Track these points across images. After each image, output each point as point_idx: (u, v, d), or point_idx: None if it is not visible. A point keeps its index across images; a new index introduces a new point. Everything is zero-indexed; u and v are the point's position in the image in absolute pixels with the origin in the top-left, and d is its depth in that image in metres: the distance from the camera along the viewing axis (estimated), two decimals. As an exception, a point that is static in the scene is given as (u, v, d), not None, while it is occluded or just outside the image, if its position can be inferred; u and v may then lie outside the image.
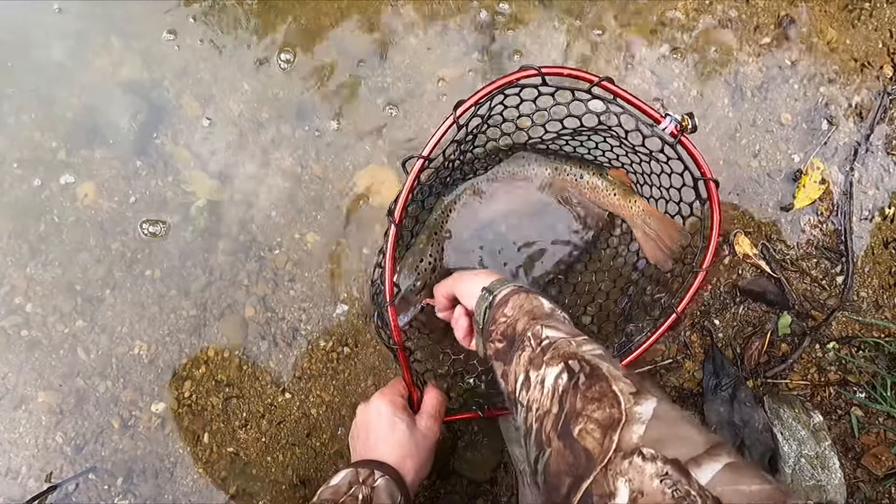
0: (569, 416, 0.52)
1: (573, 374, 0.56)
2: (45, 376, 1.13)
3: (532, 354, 0.62)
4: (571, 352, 0.59)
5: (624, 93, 0.80)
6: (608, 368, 0.56)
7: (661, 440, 0.45)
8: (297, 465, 1.12)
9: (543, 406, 0.56)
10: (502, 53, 1.24)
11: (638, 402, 0.50)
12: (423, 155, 0.79)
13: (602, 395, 0.52)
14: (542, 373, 0.59)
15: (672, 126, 0.80)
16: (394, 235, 0.80)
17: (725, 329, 1.16)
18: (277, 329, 1.16)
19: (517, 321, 0.69)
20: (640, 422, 0.48)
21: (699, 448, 0.44)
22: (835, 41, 1.23)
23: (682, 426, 0.47)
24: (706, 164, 0.83)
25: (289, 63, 1.24)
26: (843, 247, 1.18)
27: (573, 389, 0.54)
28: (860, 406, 1.11)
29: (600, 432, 0.48)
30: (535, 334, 0.65)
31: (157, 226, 1.18)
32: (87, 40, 1.24)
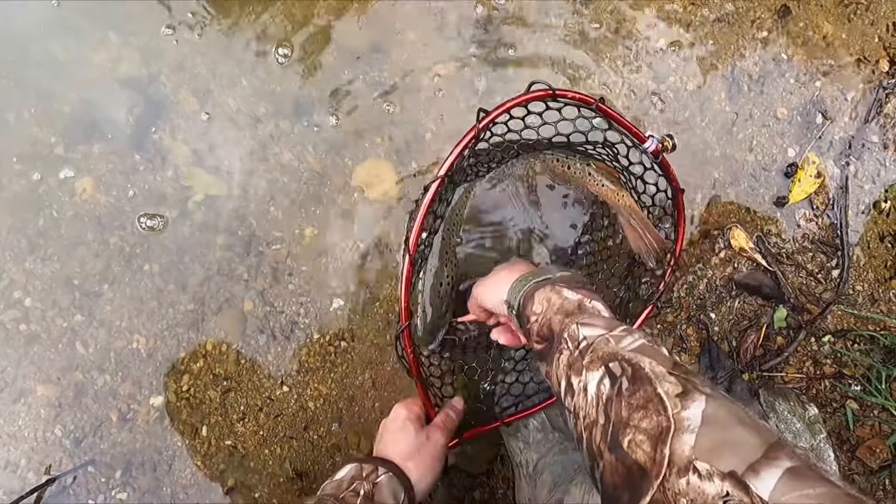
0: (616, 426, 0.50)
1: (615, 378, 0.54)
2: (44, 370, 1.13)
3: (571, 358, 0.60)
4: (611, 352, 0.57)
5: (614, 114, 0.86)
6: (650, 366, 0.53)
7: (714, 449, 0.43)
8: (295, 458, 1.13)
9: (590, 415, 0.55)
10: (498, 49, 1.24)
11: (685, 405, 0.48)
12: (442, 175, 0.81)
13: (647, 401, 0.50)
14: (583, 378, 0.57)
15: (654, 145, 0.86)
16: (408, 266, 0.82)
17: (721, 322, 1.16)
18: (276, 323, 1.17)
19: (550, 320, 0.67)
20: (689, 430, 0.46)
21: (756, 453, 0.42)
22: (831, 35, 1.24)
23: (734, 429, 0.45)
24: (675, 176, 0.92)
25: (286, 58, 1.24)
26: (839, 240, 1.18)
27: (617, 397, 0.52)
28: (855, 399, 1.12)
29: (650, 444, 0.47)
30: (572, 335, 0.62)
31: (155, 220, 1.18)
32: (86, 35, 1.24)
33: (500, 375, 1.06)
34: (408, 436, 0.83)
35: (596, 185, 1.04)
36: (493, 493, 1.10)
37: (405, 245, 0.81)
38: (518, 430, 1.02)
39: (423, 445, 0.83)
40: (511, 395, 1.00)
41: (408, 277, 0.82)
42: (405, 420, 0.85)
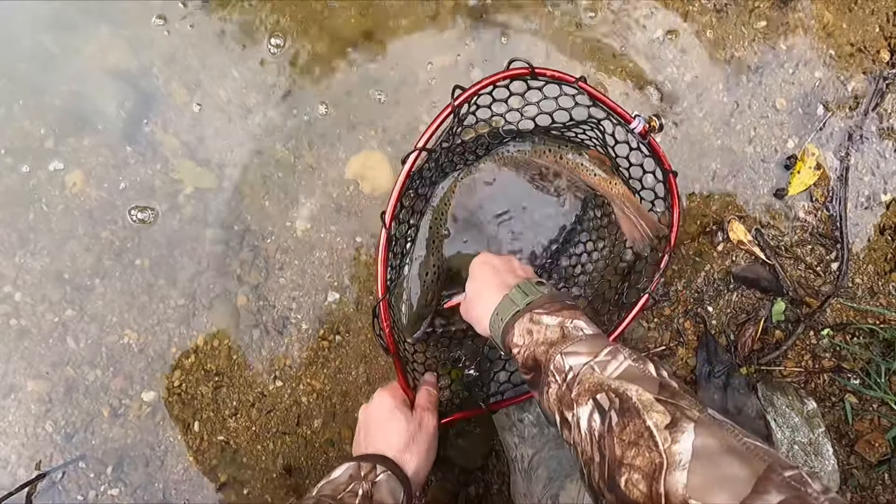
0: (611, 465, 0.51)
1: (604, 412, 0.54)
2: (35, 365, 1.12)
3: (559, 392, 0.61)
4: (597, 382, 0.57)
5: (597, 94, 0.85)
6: (637, 394, 0.53)
7: (706, 487, 0.45)
8: (288, 454, 1.12)
9: (587, 452, 0.55)
10: (494, 39, 1.23)
11: (675, 438, 0.49)
12: (420, 147, 0.80)
13: (638, 437, 0.50)
14: (575, 413, 0.58)
15: (640, 126, 0.85)
16: (385, 239, 0.82)
17: (719, 316, 1.15)
18: (268, 317, 1.15)
19: (534, 351, 0.66)
20: (681, 467, 0.47)
21: (746, 486, 0.43)
22: (831, 25, 1.22)
23: (724, 461, 0.46)
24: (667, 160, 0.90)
25: (279, 48, 1.22)
26: (839, 233, 1.17)
27: (608, 433, 0.53)
28: (854, 393, 1.11)
29: (645, 484, 0.48)
30: (558, 367, 0.62)
31: (146, 212, 1.17)
32: (76, 27, 1.23)
33: (486, 363, 1.05)
34: (399, 426, 0.81)
35: (588, 174, 1.03)
36: (487, 488, 1.09)
37: (381, 219, 0.81)
38: (513, 425, 1.01)
39: (416, 434, 0.81)
40: (496, 383, 0.99)
41: (384, 251, 0.82)
42: (392, 408, 0.82)
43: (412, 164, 0.81)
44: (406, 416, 0.82)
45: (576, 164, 1.03)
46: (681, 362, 1.13)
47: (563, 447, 0.95)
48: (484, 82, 0.82)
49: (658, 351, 1.14)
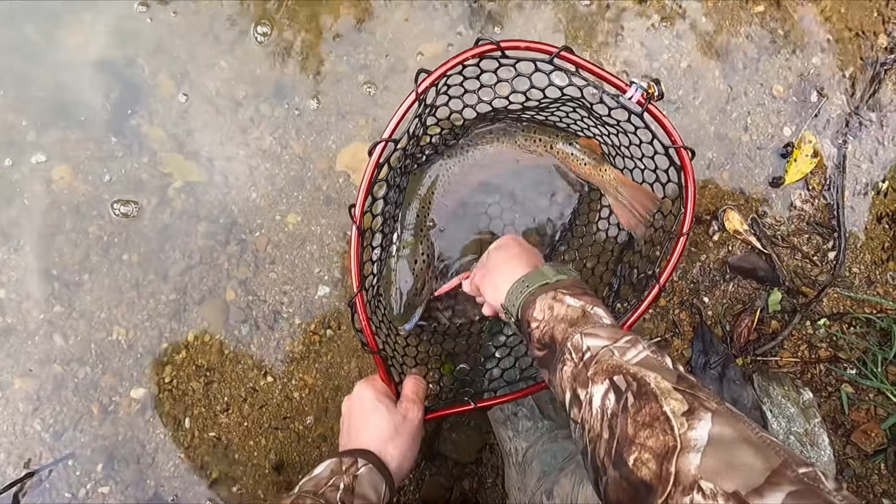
0: (621, 443, 0.51)
1: (620, 393, 0.54)
2: (22, 363, 1.11)
3: (575, 370, 0.60)
4: (615, 364, 0.56)
5: (586, 63, 0.78)
6: (655, 381, 0.53)
7: (719, 471, 0.44)
8: (280, 449, 1.11)
9: (594, 429, 0.54)
10: (486, 27, 1.20)
11: (692, 424, 0.48)
12: (386, 138, 0.77)
13: (653, 420, 0.50)
14: (588, 391, 0.57)
15: (638, 94, 0.77)
16: (356, 236, 0.80)
17: (715, 306, 1.14)
18: (259, 312, 1.14)
19: (553, 328, 0.66)
20: (695, 449, 0.46)
21: (759, 477, 0.42)
22: (829, 10, 1.20)
23: (740, 449, 0.45)
24: (676, 131, 0.80)
25: (265, 36, 1.20)
26: (836, 222, 1.15)
27: (622, 413, 0.52)
28: (850, 382, 1.10)
29: (655, 462, 0.47)
30: (575, 345, 0.62)
31: (129, 206, 1.15)
32: (59, 16, 1.20)
33: (479, 358, 1.04)
34: (381, 417, 0.79)
35: (578, 164, 1.01)
36: (482, 482, 1.08)
37: (349, 213, 0.79)
38: (507, 419, 1.00)
39: (400, 426, 0.79)
40: (488, 379, 0.98)
41: (357, 246, 0.80)
42: (374, 399, 0.81)
43: (379, 156, 0.78)
44: (388, 408, 0.81)
45: (566, 154, 1.01)
46: (676, 353, 1.12)
47: (556, 441, 0.94)
48: (448, 64, 0.77)
49: (654, 342, 1.12)
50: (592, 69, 0.78)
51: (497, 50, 0.77)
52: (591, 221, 1.08)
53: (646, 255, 0.98)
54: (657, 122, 0.81)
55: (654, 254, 0.91)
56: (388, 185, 0.90)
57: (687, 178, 0.82)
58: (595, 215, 1.07)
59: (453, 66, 0.78)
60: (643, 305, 0.84)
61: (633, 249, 1.03)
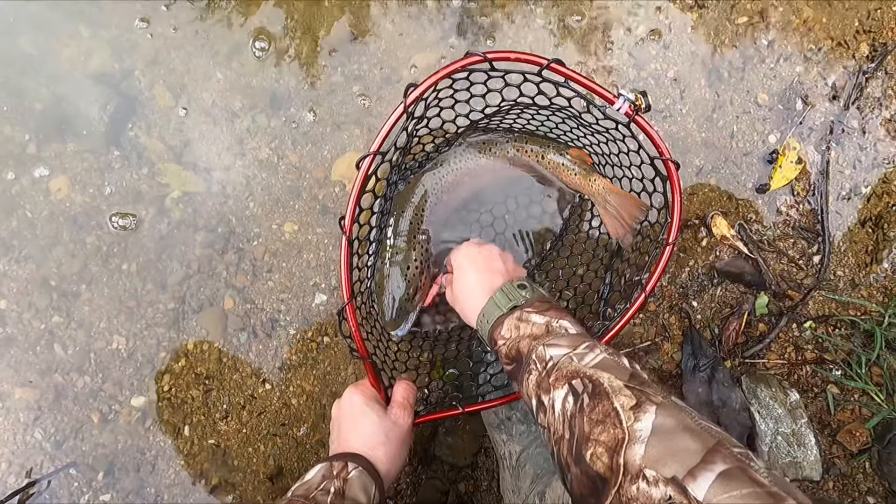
0: (580, 441, 0.55)
1: (577, 395, 0.58)
2: (22, 373, 1.12)
3: (539, 378, 0.64)
4: (573, 369, 0.61)
5: (575, 74, 0.80)
6: (609, 381, 0.57)
7: (660, 458, 0.48)
8: (279, 456, 1.12)
9: (557, 431, 0.59)
10: (478, 39, 1.23)
11: (638, 417, 0.52)
12: (374, 151, 0.79)
13: (605, 416, 0.54)
14: (551, 396, 0.61)
15: (626, 106, 0.79)
16: (346, 246, 0.82)
17: (703, 310, 1.16)
18: (257, 320, 1.16)
19: (518, 342, 0.70)
20: (640, 441, 0.50)
21: (695, 458, 0.47)
22: (811, 20, 1.23)
23: (679, 437, 0.50)
24: (663, 142, 0.82)
25: (263, 51, 1.22)
26: (820, 226, 1.18)
27: (580, 413, 0.57)
28: (836, 383, 1.13)
29: (608, 456, 0.51)
30: (539, 356, 0.66)
31: (127, 219, 1.16)
32: (55, 29, 1.21)
33: (469, 364, 1.06)
34: (371, 421, 0.81)
35: (569, 174, 1.03)
36: (477, 486, 1.10)
37: (339, 224, 0.81)
38: (501, 423, 1.02)
39: (390, 431, 0.81)
40: (477, 385, 1.00)
41: (346, 256, 0.82)
42: (364, 404, 0.83)
43: (367, 169, 0.80)
44: (378, 413, 0.82)
45: (556, 164, 1.04)
46: (666, 357, 1.15)
47: (550, 444, 0.96)
48: (436, 76, 0.78)
49: (644, 346, 1.15)
50: (581, 80, 0.80)
51: (485, 62, 0.78)
52: (581, 230, 1.10)
53: (634, 262, 1.00)
54: (645, 134, 0.83)
55: (642, 261, 0.94)
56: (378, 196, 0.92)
57: (673, 190, 0.84)
58: (585, 224, 1.10)
59: (441, 78, 0.79)
60: (629, 313, 0.86)
61: (622, 257, 1.06)
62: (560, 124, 1.00)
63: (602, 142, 0.97)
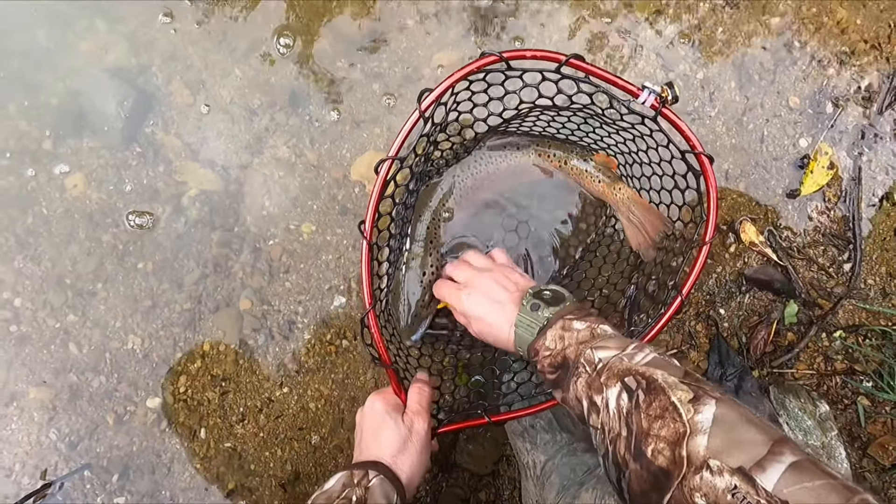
0: (638, 437, 0.54)
1: (632, 392, 0.58)
2: (37, 372, 1.10)
3: (589, 379, 0.64)
4: (625, 368, 0.60)
5: (595, 69, 0.76)
6: (663, 376, 0.57)
7: (724, 449, 0.48)
8: (296, 460, 1.10)
9: (613, 429, 0.58)
10: (502, 37, 1.20)
11: (698, 409, 0.52)
12: (392, 155, 0.77)
13: (663, 411, 0.54)
14: (604, 395, 0.61)
15: (651, 99, 0.75)
16: (367, 251, 0.80)
17: (731, 318, 1.13)
18: (274, 322, 1.14)
19: (565, 350, 0.69)
20: (702, 432, 0.50)
21: (761, 449, 0.46)
22: (845, 21, 1.20)
23: (742, 428, 0.49)
24: (695, 136, 0.79)
25: (288, 48, 1.19)
26: (851, 234, 1.15)
27: (636, 409, 0.56)
28: (867, 395, 1.10)
29: (669, 450, 0.51)
30: (588, 359, 0.65)
31: (144, 217, 1.14)
32: (72, 23, 1.19)
33: (496, 371, 1.03)
34: (390, 431, 0.80)
35: (592, 181, 1.00)
36: (498, 494, 1.08)
37: (359, 229, 0.80)
38: (525, 431, 1.00)
39: (407, 439, 0.80)
40: (503, 393, 0.97)
41: (367, 262, 0.81)
42: (384, 413, 0.82)
43: (385, 174, 0.78)
44: (397, 421, 0.81)
45: (580, 171, 1.01)
46: (693, 365, 1.12)
47: (575, 455, 0.94)
48: (451, 79, 0.76)
49: (670, 354, 1.12)
50: (602, 75, 0.76)
51: (501, 61, 0.76)
52: (605, 234, 1.08)
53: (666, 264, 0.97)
54: (674, 127, 0.79)
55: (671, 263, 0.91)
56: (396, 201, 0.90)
57: (708, 185, 0.80)
58: (611, 229, 1.07)
59: (456, 80, 0.77)
60: (665, 317, 0.83)
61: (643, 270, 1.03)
62: (582, 125, 0.96)
63: (628, 139, 0.93)
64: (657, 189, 0.95)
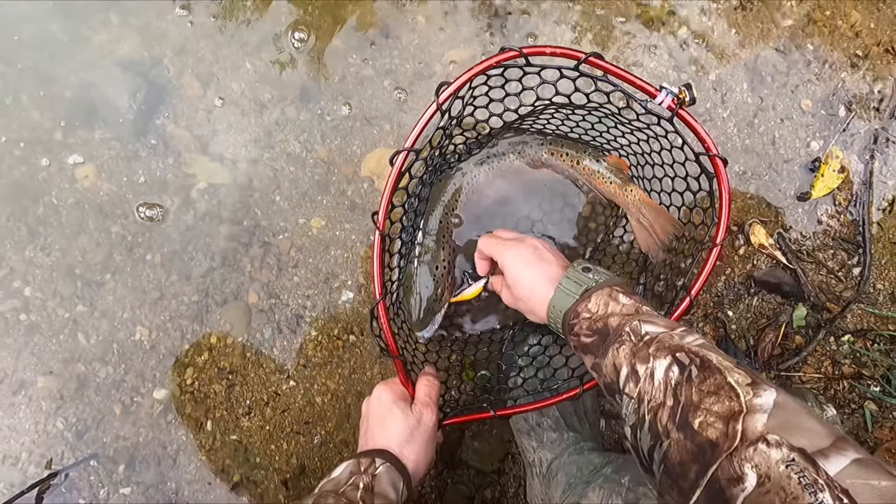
0: (686, 408, 0.52)
1: (684, 366, 0.56)
2: (45, 361, 1.11)
3: (634, 349, 0.63)
4: (677, 344, 0.59)
5: (614, 68, 0.76)
6: (718, 360, 0.55)
7: (786, 428, 0.45)
8: (302, 454, 1.10)
9: (656, 398, 0.57)
10: (514, 35, 1.20)
11: (757, 393, 0.50)
12: (408, 147, 0.77)
13: (718, 388, 0.52)
14: (650, 366, 0.59)
15: (669, 100, 0.75)
16: (379, 242, 0.80)
17: (739, 321, 1.13)
18: (281, 316, 1.14)
19: (608, 317, 0.69)
20: (762, 411, 0.48)
21: (825, 441, 0.44)
22: (858, 24, 1.19)
23: (805, 417, 0.47)
24: (710, 137, 0.79)
25: (302, 42, 1.19)
26: (861, 237, 1.15)
27: (687, 383, 0.54)
28: (874, 400, 1.09)
29: (722, 423, 0.49)
30: (634, 329, 0.65)
31: (154, 209, 1.15)
32: (86, 17, 1.20)
33: (502, 367, 1.03)
34: (397, 420, 0.80)
35: (604, 182, 1.00)
36: (504, 492, 1.08)
37: (372, 219, 0.80)
38: (531, 429, 1.00)
39: (415, 430, 0.80)
40: (509, 388, 0.97)
41: (379, 252, 0.81)
42: (391, 403, 0.82)
43: (401, 165, 0.78)
44: (404, 411, 0.81)
45: (592, 171, 1.01)
46: (699, 367, 1.12)
47: (582, 454, 0.94)
48: (469, 73, 0.76)
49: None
50: (621, 74, 0.76)
51: (520, 57, 0.76)
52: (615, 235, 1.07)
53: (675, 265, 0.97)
54: (690, 129, 0.79)
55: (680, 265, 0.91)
56: (410, 193, 0.90)
57: (721, 187, 0.80)
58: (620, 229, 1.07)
59: (475, 74, 0.77)
60: (673, 318, 0.83)
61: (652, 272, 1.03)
62: (596, 124, 0.96)
63: (642, 139, 0.93)
64: (668, 191, 0.95)
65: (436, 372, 0.91)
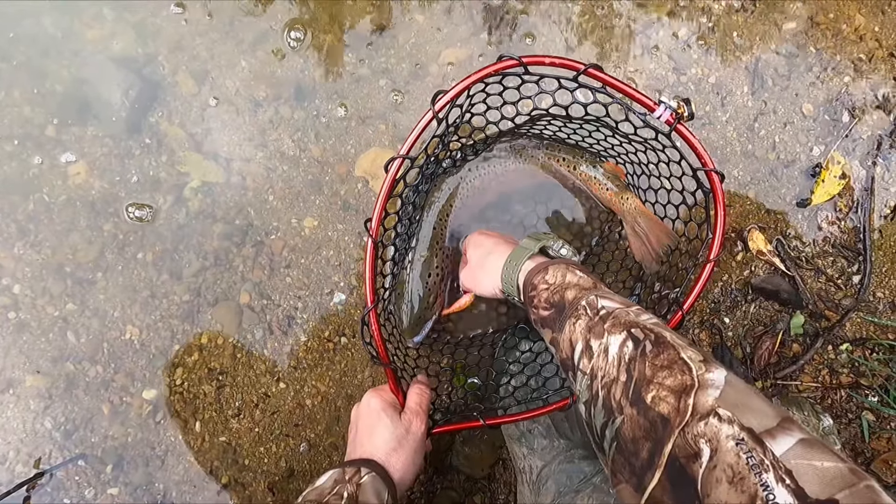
0: (639, 383, 0.52)
1: (638, 342, 0.56)
2: (34, 360, 1.10)
3: (590, 323, 0.62)
4: (632, 320, 0.59)
5: (613, 80, 0.75)
6: (672, 337, 0.55)
7: (737, 406, 0.46)
8: (291, 457, 1.09)
9: (609, 374, 0.56)
10: (512, 36, 1.18)
11: (709, 369, 0.50)
12: (403, 154, 0.76)
13: (671, 363, 0.52)
14: (604, 341, 0.59)
15: (667, 114, 0.75)
16: (371, 249, 0.80)
17: (735, 328, 1.12)
18: (273, 316, 1.13)
19: (564, 290, 0.69)
20: (713, 387, 0.48)
21: (772, 421, 0.44)
22: (862, 28, 1.17)
23: (754, 397, 0.48)
24: (707, 153, 0.78)
25: (298, 41, 1.18)
26: (862, 245, 1.13)
27: (640, 357, 0.54)
28: (872, 410, 1.08)
29: (674, 398, 0.49)
30: (591, 304, 0.65)
31: (144, 210, 1.14)
32: (79, 10, 1.19)
33: (492, 373, 1.02)
34: (386, 428, 0.79)
35: (600, 188, 0.99)
36: (493, 498, 1.07)
37: (365, 227, 0.79)
38: (522, 436, 0.99)
39: (403, 439, 0.79)
40: (499, 396, 0.96)
41: (371, 260, 0.80)
42: (380, 410, 0.81)
43: (395, 172, 0.77)
44: (393, 419, 0.80)
45: (588, 177, 0.99)
46: (695, 374, 1.10)
47: (573, 462, 0.92)
48: (466, 81, 0.75)
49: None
50: (620, 87, 0.76)
51: (519, 66, 0.75)
52: (609, 240, 1.06)
53: (669, 278, 0.96)
54: (687, 144, 0.79)
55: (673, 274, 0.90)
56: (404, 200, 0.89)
57: (717, 203, 0.80)
58: (615, 235, 1.05)
59: (472, 83, 0.76)
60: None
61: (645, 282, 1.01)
62: (594, 132, 0.95)
63: (640, 150, 0.92)
64: (663, 203, 0.94)
65: (427, 380, 0.90)
